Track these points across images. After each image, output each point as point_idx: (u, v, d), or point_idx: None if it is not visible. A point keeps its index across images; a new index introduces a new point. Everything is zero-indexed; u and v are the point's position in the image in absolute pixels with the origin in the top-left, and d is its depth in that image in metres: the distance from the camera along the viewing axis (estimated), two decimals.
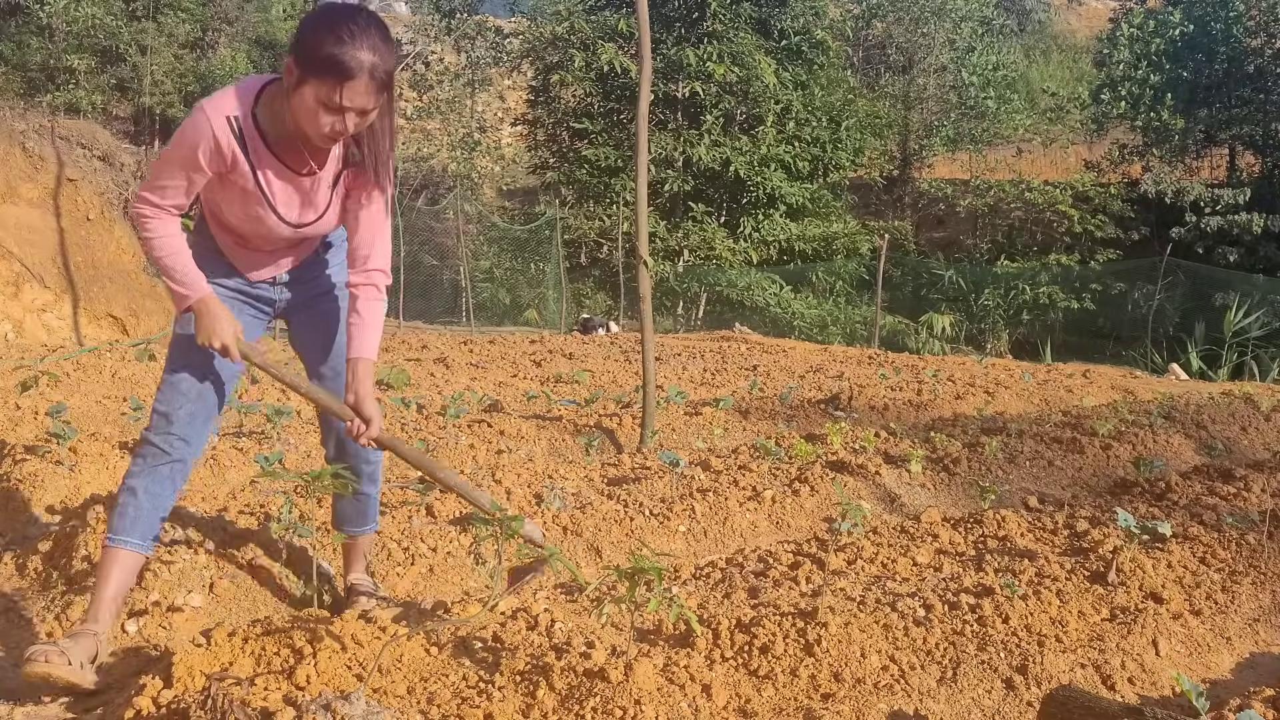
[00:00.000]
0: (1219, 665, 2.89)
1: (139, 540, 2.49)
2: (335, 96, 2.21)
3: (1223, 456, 5.76)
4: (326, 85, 2.20)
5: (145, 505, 2.48)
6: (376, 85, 2.24)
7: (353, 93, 2.22)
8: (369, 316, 2.57)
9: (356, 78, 2.20)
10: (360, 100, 2.24)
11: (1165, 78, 23.35)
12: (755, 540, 3.94)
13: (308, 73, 2.21)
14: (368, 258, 2.56)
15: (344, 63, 2.19)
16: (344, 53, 2.18)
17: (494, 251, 24.05)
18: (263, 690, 2.13)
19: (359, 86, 2.22)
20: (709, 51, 21.42)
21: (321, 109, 2.23)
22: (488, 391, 7.40)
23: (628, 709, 2.14)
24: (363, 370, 2.54)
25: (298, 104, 2.24)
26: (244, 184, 2.37)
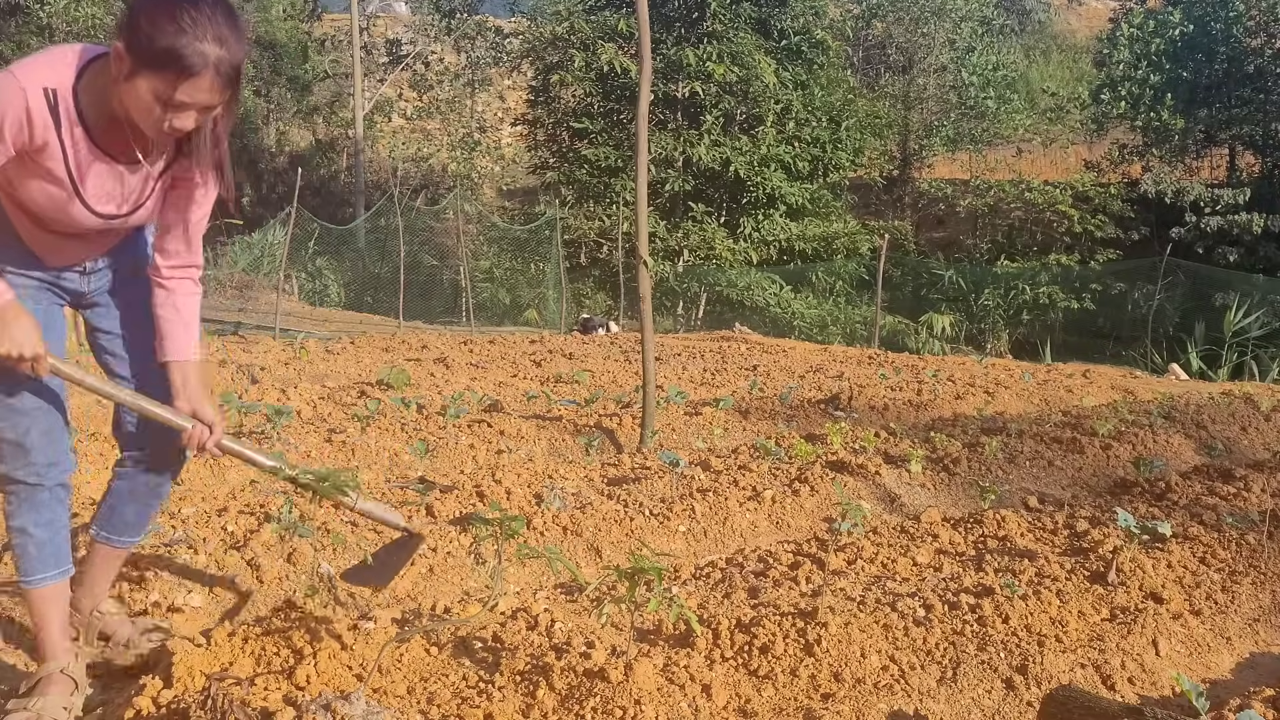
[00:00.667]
0: (1219, 665, 2.89)
1: (55, 570, 2.27)
2: (174, 93, 1.92)
3: (1223, 456, 5.76)
4: (164, 80, 1.91)
5: (43, 537, 2.24)
6: (222, 81, 1.95)
7: (194, 89, 1.93)
8: (187, 311, 2.30)
9: (199, 74, 1.91)
10: (203, 97, 1.95)
11: (1165, 78, 23.37)
12: (755, 540, 3.94)
13: (142, 64, 1.90)
14: (181, 253, 2.27)
15: (185, 56, 1.89)
16: (185, 44, 1.89)
17: (494, 251, 24.07)
18: (263, 690, 2.13)
19: (202, 83, 1.93)
20: (709, 51, 21.43)
21: (157, 104, 1.94)
22: (488, 391, 7.40)
23: (628, 709, 2.14)
24: (191, 372, 2.29)
25: (129, 95, 1.95)
26: (51, 168, 2.04)
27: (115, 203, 2.15)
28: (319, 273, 22.36)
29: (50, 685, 2.24)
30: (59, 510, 2.26)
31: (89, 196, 2.09)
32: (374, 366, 8.71)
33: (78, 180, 2.06)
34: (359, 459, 4.82)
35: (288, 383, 7.32)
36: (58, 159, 2.02)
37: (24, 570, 2.25)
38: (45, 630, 2.28)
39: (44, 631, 2.28)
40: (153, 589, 2.82)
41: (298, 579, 3.04)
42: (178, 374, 2.28)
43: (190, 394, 2.27)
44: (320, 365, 8.77)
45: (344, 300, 22.25)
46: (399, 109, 31.16)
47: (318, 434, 5.04)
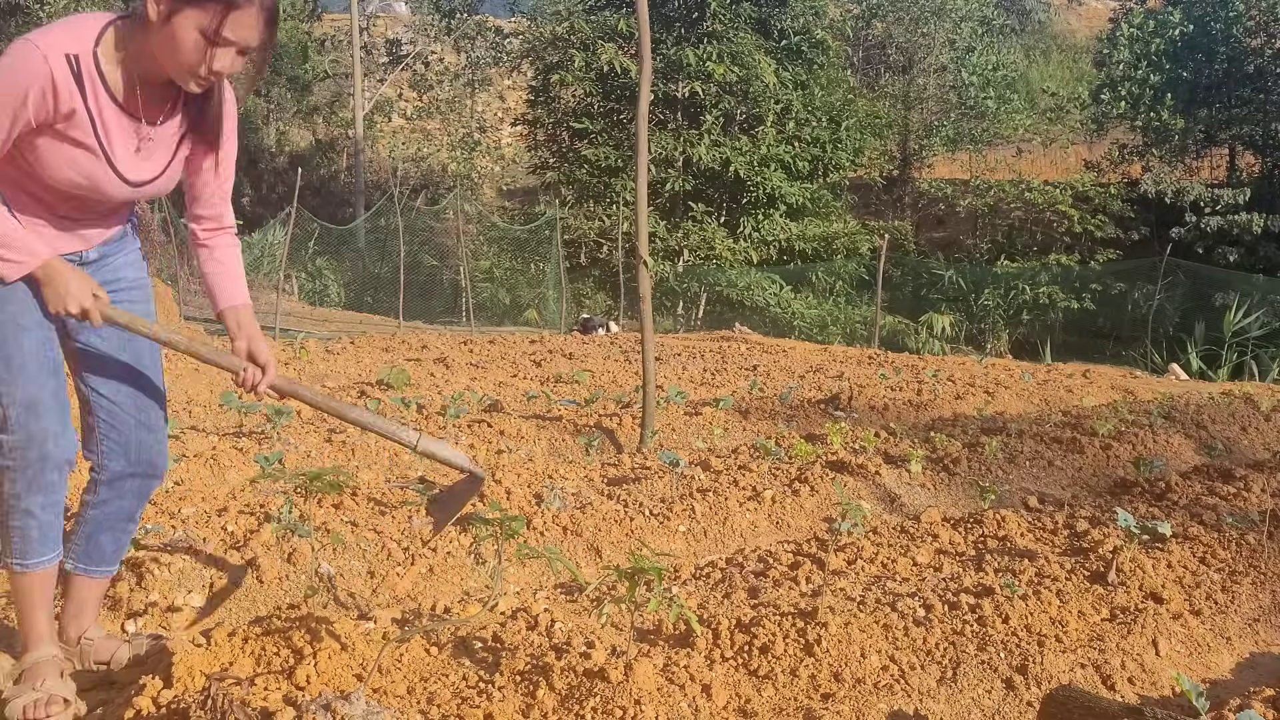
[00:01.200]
0: (1219, 665, 2.89)
1: (53, 553, 2.22)
2: (219, 27, 1.92)
3: (1223, 456, 5.76)
4: (209, 13, 1.91)
5: (47, 519, 2.17)
6: (265, 17, 1.97)
7: (239, 25, 1.94)
8: (231, 262, 2.35)
9: (246, 6, 1.93)
10: (245, 34, 1.96)
11: (1165, 78, 23.38)
12: (755, 540, 3.94)
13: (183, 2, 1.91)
14: (216, 216, 2.32)
15: None
16: None
17: (494, 251, 24.08)
18: (263, 690, 2.13)
19: (247, 18, 1.94)
20: (709, 51, 21.43)
21: (202, 41, 1.93)
22: (488, 391, 7.40)
23: (628, 709, 2.14)
24: (244, 316, 2.32)
25: (167, 39, 1.94)
26: (78, 137, 2.01)
27: (145, 169, 2.14)
28: (319, 273, 22.37)
29: (44, 668, 2.20)
30: (61, 491, 2.20)
31: (120, 163, 2.08)
32: (374, 366, 8.71)
33: (107, 145, 2.05)
34: (359, 459, 4.82)
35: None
36: (85, 126, 2.01)
37: (20, 553, 2.17)
38: (33, 616, 2.22)
39: (32, 617, 2.22)
40: (152, 589, 2.82)
41: (298, 579, 3.04)
42: (232, 319, 2.31)
43: (247, 334, 2.29)
44: (320, 365, 8.78)
45: (344, 300, 22.27)
46: (399, 109, 31.18)
47: (318, 434, 5.04)
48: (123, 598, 2.78)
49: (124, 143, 2.08)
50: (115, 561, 2.41)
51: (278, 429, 4.97)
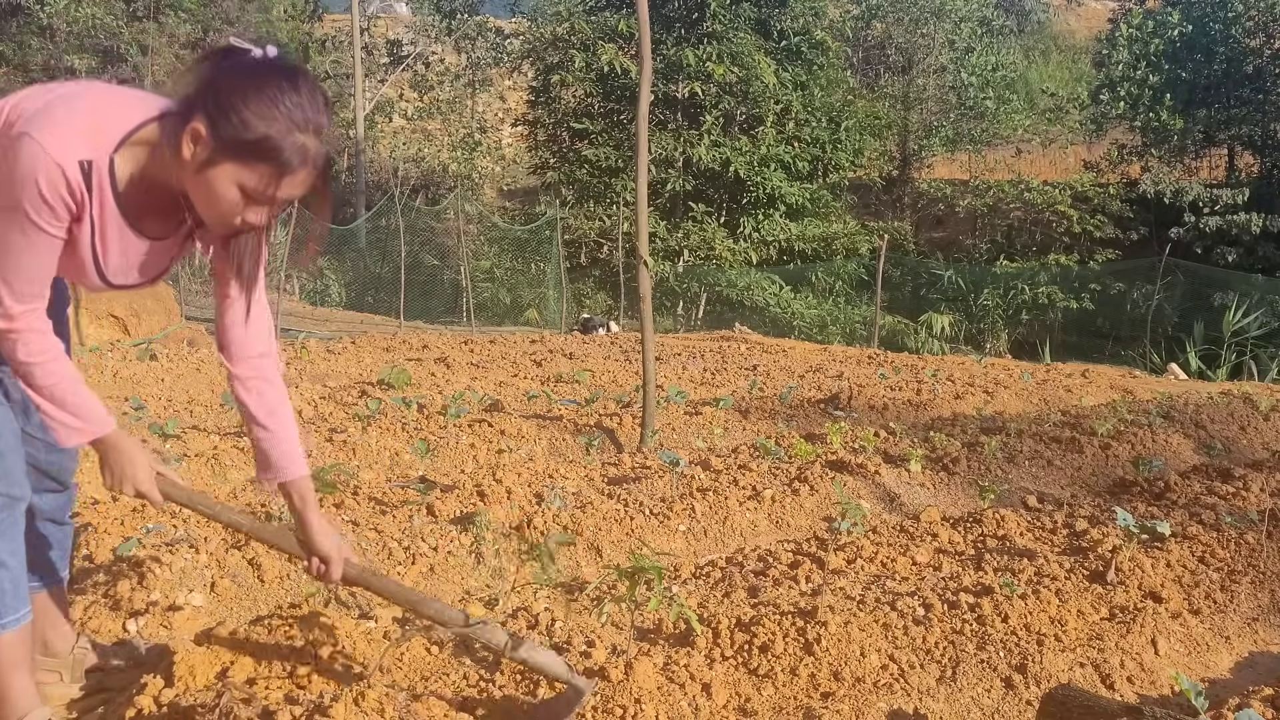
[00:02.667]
0: (1218, 664, 2.90)
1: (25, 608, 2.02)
2: (269, 189, 1.72)
3: (1221, 456, 5.76)
4: (256, 174, 1.70)
5: (18, 570, 1.98)
6: (316, 175, 1.78)
7: (291, 185, 1.75)
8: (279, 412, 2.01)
9: (297, 171, 1.73)
10: (296, 191, 1.77)
11: (1164, 78, 23.37)
12: (755, 539, 3.94)
13: (229, 153, 1.68)
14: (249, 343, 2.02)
15: (284, 150, 1.69)
16: (285, 137, 1.69)
17: (494, 251, 24.06)
18: (263, 689, 2.14)
19: (297, 180, 1.75)
20: (709, 52, 21.43)
21: (241, 198, 1.73)
22: (488, 391, 7.40)
23: (628, 708, 2.15)
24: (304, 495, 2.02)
25: (201, 185, 1.72)
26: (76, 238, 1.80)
27: (133, 275, 1.94)
28: (320, 273, 22.35)
29: None
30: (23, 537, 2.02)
31: (108, 271, 1.89)
32: (375, 366, 8.71)
33: (100, 257, 1.85)
34: (360, 458, 4.82)
35: (289, 382, 7.30)
36: (84, 234, 1.80)
37: None
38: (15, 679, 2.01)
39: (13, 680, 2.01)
40: (154, 588, 2.83)
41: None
42: (288, 497, 2.03)
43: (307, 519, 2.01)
44: (321, 365, 8.78)
45: (345, 300, 22.26)
46: (400, 109, 31.17)
47: (319, 433, 5.05)
48: (124, 597, 2.78)
49: (119, 253, 1.88)
50: (64, 567, 2.30)
51: None
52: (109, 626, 2.67)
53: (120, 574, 2.86)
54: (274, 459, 2.00)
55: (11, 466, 1.97)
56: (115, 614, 2.72)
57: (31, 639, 2.12)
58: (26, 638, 2.07)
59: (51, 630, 2.31)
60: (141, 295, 12.17)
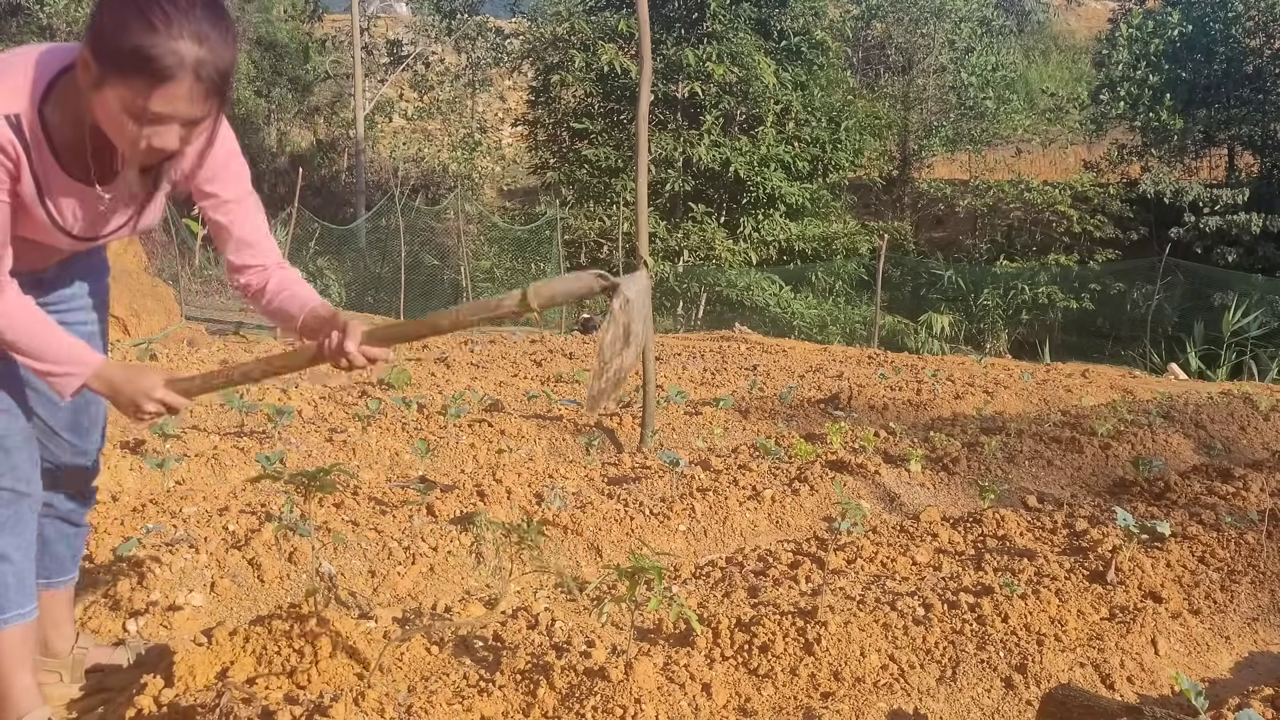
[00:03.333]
0: (1218, 664, 2.90)
1: (32, 605, 2.02)
2: (146, 103, 1.61)
3: (1221, 456, 5.76)
4: (134, 88, 1.60)
5: (23, 565, 1.99)
6: (205, 88, 1.64)
7: (170, 98, 1.62)
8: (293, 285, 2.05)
9: (175, 78, 1.60)
10: (182, 108, 1.64)
11: (1164, 78, 23.38)
12: (755, 539, 3.94)
13: (109, 70, 1.61)
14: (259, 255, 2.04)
15: (157, 57, 1.58)
16: (157, 44, 1.58)
17: (494, 251, 24.07)
18: (264, 690, 2.14)
19: (179, 90, 1.61)
20: (709, 52, 21.43)
21: (129, 119, 1.64)
22: (488, 391, 7.40)
23: (628, 708, 2.15)
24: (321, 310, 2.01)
25: (100, 109, 1.66)
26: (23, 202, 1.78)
27: (100, 226, 1.90)
28: (320, 273, 22.34)
29: None
30: (34, 531, 2.04)
31: (69, 225, 1.86)
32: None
33: (54, 211, 1.82)
34: (360, 458, 4.82)
35: (289, 382, 7.32)
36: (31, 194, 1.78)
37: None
38: (16, 677, 2.01)
39: (15, 678, 2.01)
40: (154, 588, 2.83)
41: (299, 578, 3.04)
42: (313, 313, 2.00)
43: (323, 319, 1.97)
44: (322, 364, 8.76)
45: (345, 300, 22.24)
46: (400, 109, 31.17)
47: (319, 433, 5.04)
48: (124, 597, 2.78)
49: (76, 206, 1.84)
50: (74, 568, 2.32)
51: (279, 428, 4.97)
52: (109, 626, 2.67)
53: (120, 574, 2.86)
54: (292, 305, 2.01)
55: (18, 462, 1.97)
56: (115, 614, 2.72)
57: (34, 638, 2.12)
58: (30, 636, 2.07)
59: (53, 630, 2.31)
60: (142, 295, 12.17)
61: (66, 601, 2.34)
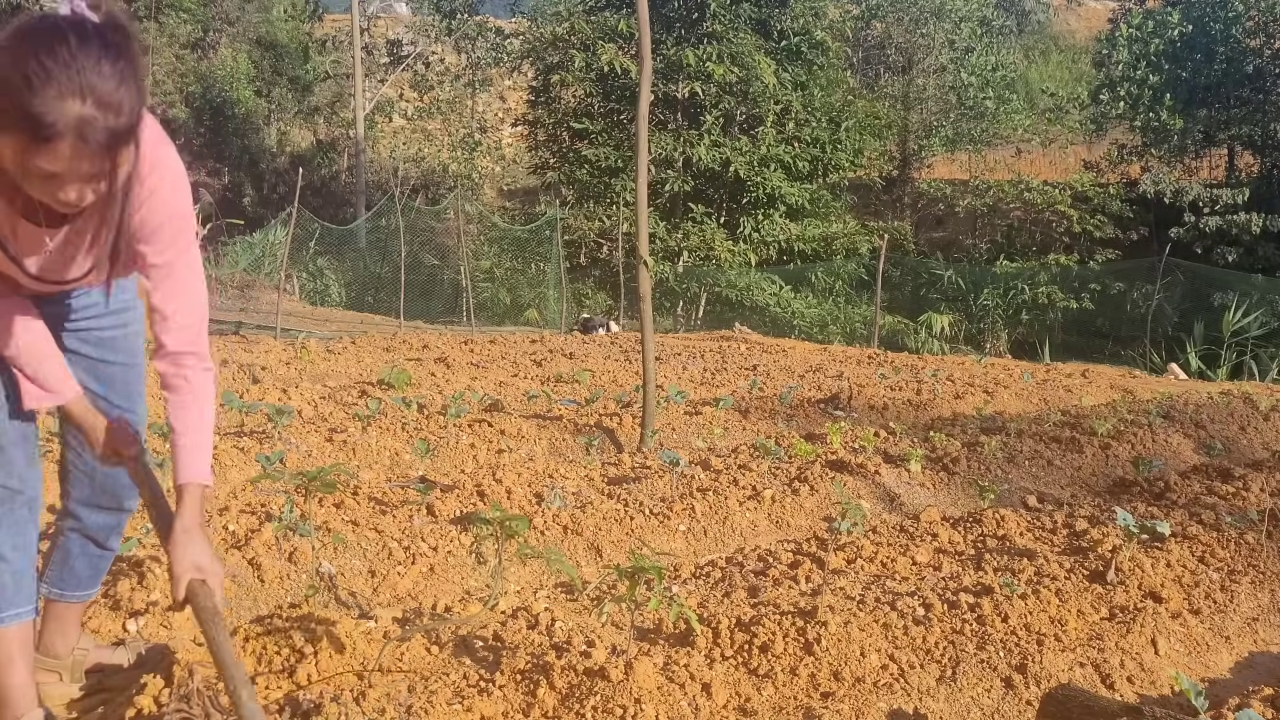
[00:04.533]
0: (1218, 664, 2.90)
1: (30, 605, 1.99)
2: (30, 160, 1.50)
3: (1221, 456, 5.76)
4: (18, 145, 1.50)
5: (20, 565, 1.96)
6: (91, 148, 1.50)
7: (54, 158, 1.49)
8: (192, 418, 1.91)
9: (56, 139, 1.48)
10: (70, 166, 1.51)
11: (1164, 78, 23.38)
12: (755, 539, 3.94)
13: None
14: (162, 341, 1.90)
15: (35, 118, 1.46)
16: (34, 104, 1.45)
17: (494, 251, 24.08)
18: (264, 689, 2.14)
19: (61, 150, 1.49)
20: (709, 52, 21.44)
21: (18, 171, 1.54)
22: (488, 391, 7.40)
23: (628, 707, 2.15)
24: (187, 501, 1.87)
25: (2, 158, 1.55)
26: None
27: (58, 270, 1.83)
28: (320, 272, 22.36)
29: None
30: (33, 531, 2.00)
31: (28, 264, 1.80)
32: (375, 366, 8.71)
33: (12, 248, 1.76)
34: (360, 458, 4.82)
35: (289, 382, 7.32)
36: None
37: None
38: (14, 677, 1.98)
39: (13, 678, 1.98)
40: (154, 588, 2.83)
41: (299, 578, 3.05)
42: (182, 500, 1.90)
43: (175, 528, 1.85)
44: (321, 365, 8.78)
45: (345, 300, 22.26)
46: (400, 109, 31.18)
47: (319, 433, 5.05)
48: (124, 597, 2.78)
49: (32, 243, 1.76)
50: (92, 586, 2.29)
51: (279, 428, 4.97)
52: (109, 626, 2.67)
53: (120, 574, 2.86)
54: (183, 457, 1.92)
55: (12, 458, 1.95)
56: (115, 614, 2.72)
57: (35, 638, 2.12)
58: (28, 636, 2.05)
59: (57, 633, 2.31)
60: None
61: (77, 612, 2.33)
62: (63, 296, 2.03)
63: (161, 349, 1.90)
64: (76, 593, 2.26)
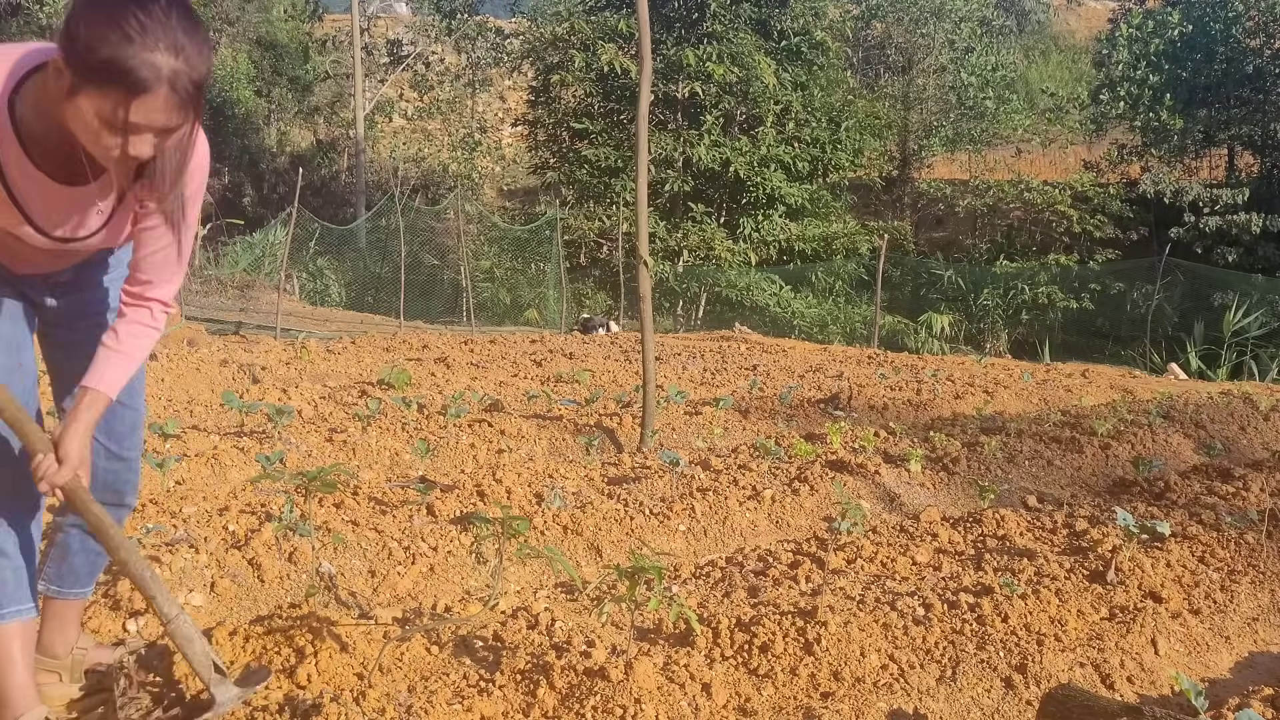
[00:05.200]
0: (1218, 664, 2.90)
1: (31, 602, 2.02)
2: (121, 113, 1.60)
3: (1221, 456, 5.76)
4: (110, 99, 1.59)
5: (20, 561, 1.99)
6: (180, 99, 1.63)
7: (147, 109, 1.61)
8: (128, 346, 1.97)
9: (151, 90, 1.59)
10: (158, 118, 1.63)
11: (1164, 78, 23.39)
12: (755, 539, 3.94)
13: (83, 79, 1.59)
14: (147, 282, 1.97)
15: (133, 70, 1.57)
16: (133, 56, 1.56)
17: (494, 251, 24.08)
18: (264, 689, 2.14)
19: (155, 102, 1.60)
20: (709, 52, 21.45)
21: (105, 128, 1.63)
22: (488, 391, 7.40)
23: (628, 707, 2.15)
24: (88, 402, 1.93)
25: (73, 116, 1.65)
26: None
27: (74, 226, 1.89)
28: (320, 272, 22.36)
29: None
30: (36, 529, 2.04)
31: (40, 220, 1.85)
32: (375, 366, 8.71)
33: (24, 204, 1.81)
34: (360, 458, 4.82)
35: (289, 382, 7.32)
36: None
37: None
38: (14, 676, 2.00)
39: (12, 678, 2.00)
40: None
41: (299, 578, 3.04)
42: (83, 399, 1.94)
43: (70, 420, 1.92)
44: (321, 365, 8.77)
45: (345, 300, 22.26)
46: (400, 109, 31.18)
47: (319, 433, 5.05)
48: (124, 597, 2.78)
49: (42, 200, 1.83)
50: (89, 583, 2.31)
51: (279, 428, 4.97)
52: (109, 626, 2.67)
53: (120, 574, 2.85)
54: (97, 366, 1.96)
55: (18, 458, 1.97)
56: (115, 614, 2.72)
57: (36, 638, 2.12)
58: (29, 635, 2.06)
59: (56, 632, 2.31)
60: None
61: (76, 610, 2.34)
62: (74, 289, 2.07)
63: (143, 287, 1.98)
64: (75, 590, 2.27)
